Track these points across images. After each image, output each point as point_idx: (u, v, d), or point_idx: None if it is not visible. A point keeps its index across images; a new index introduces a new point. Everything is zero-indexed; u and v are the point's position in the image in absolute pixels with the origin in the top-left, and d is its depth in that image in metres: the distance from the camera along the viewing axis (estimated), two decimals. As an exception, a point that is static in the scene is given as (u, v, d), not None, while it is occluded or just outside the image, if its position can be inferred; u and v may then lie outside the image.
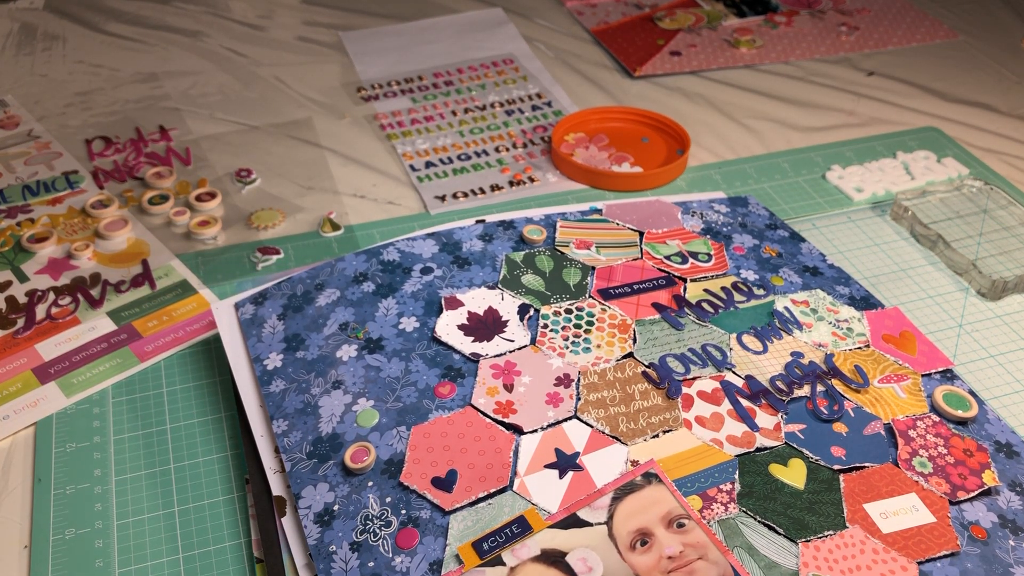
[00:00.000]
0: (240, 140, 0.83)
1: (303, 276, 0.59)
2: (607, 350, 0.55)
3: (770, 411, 0.52)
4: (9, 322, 0.63)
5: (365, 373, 0.53)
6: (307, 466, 0.49)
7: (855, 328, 0.59)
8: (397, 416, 0.51)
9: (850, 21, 1.07)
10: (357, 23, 1.04)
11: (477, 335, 0.56)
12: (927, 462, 0.50)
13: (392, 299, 0.58)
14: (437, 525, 0.45)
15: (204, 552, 0.49)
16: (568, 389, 0.53)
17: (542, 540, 0.45)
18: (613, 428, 0.50)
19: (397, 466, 0.48)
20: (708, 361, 0.55)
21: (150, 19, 1.04)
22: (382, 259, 0.61)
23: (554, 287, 0.60)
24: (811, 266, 0.64)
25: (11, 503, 0.52)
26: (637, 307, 0.59)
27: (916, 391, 0.55)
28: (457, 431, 0.50)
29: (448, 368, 0.54)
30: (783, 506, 0.47)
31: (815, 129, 0.87)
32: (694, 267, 0.62)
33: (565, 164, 0.79)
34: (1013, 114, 0.90)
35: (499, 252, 0.62)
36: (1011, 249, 0.70)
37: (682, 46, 1.01)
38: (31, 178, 0.77)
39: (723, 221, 0.68)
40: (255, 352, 0.55)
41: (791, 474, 0.49)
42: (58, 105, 0.88)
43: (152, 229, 0.72)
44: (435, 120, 0.87)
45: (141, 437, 0.55)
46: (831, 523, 0.47)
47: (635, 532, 0.45)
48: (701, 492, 0.47)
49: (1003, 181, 0.79)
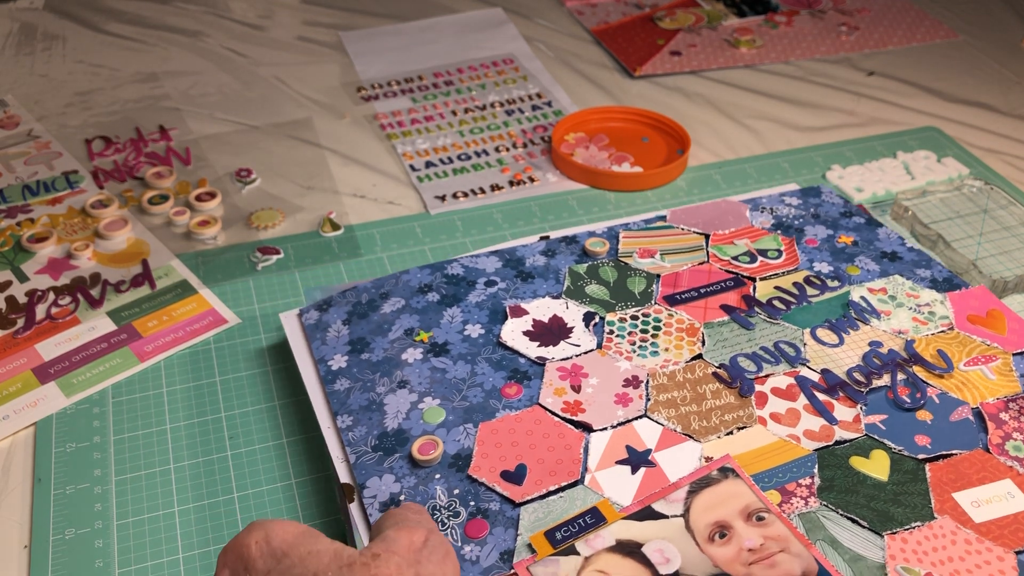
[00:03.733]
0: (240, 140, 0.83)
1: (367, 286, 0.60)
2: (675, 353, 0.55)
3: (848, 403, 0.51)
4: (9, 322, 0.63)
5: (431, 374, 0.53)
6: (372, 458, 0.49)
7: (937, 311, 0.57)
8: (464, 414, 0.51)
9: (850, 21, 1.07)
10: (357, 23, 1.04)
11: (543, 340, 0.56)
12: (1022, 445, 0.48)
13: (457, 308, 0.58)
14: (507, 517, 0.45)
15: (204, 552, 0.49)
16: (637, 390, 0.52)
17: (616, 531, 0.44)
18: (685, 426, 0.50)
19: (465, 460, 0.48)
20: (781, 358, 0.54)
21: (150, 19, 1.04)
22: (446, 272, 0.61)
23: (619, 295, 0.60)
24: (889, 251, 0.63)
25: (11, 503, 0.52)
26: (705, 310, 0.58)
27: (1007, 371, 0.53)
28: (525, 428, 0.50)
29: (514, 371, 0.54)
30: (866, 499, 0.46)
31: (815, 129, 0.87)
32: (763, 265, 0.61)
33: (565, 164, 0.79)
34: (1013, 114, 0.90)
35: (562, 266, 0.62)
36: (1011, 249, 0.70)
37: (682, 46, 1.01)
38: (31, 178, 0.77)
39: (794, 214, 0.67)
40: (319, 354, 0.56)
41: (873, 466, 0.48)
42: (58, 105, 0.88)
43: (152, 229, 0.72)
44: (435, 120, 0.87)
45: (141, 437, 0.55)
46: (918, 514, 0.45)
47: (713, 525, 0.44)
48: (779, 487, 0.47)
49: (1003, 181, 0.79)
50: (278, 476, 0.53)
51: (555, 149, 0.80)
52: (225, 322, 0.63)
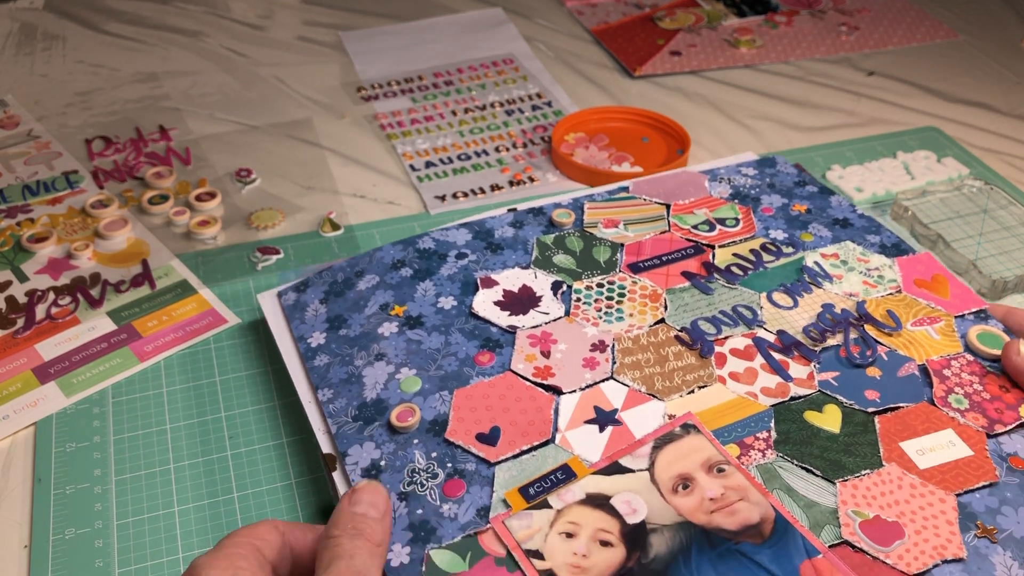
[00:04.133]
0: (240, 140, 0.83)
1: (343, 265, 0.62)
2: (639, 318, 0.57)
3: (803, 362, 0.54)
4: (9, 322, 0.63)
5: (407, 346, 0.55)
6: (353, 428, 0.50)
7: (886, 275, 0.60)
8: (439, 382, 0.52)
9: (850, 21, 1.07)
10: (357, 23, 1.04)
11: (513, 309, 0.58)
12: (963, 399, 0.51)
13: (430, 282, 0.60)
14: (483, 476, 0.47)
15: (204, 552, 0.49)
16: (604, 354, 0.54)
17: (586, 485, 0.46)
18: (649, 387, 0.52)
19: (441, 425, 0.50)
20: (739, 321, 0.56)
21: (150, 19, 1.04)
22: (418, 247, 0.63)
23: (585, 264, 0.61)
24: (841, 218, 0.65)
25: (11, 503, 0.52)
26: (667, 277, 0.60)
27: (950, 332, 0.55)
28: (498, 393, 0.52)
29: (486, 340, 0.55)
30: (819, 449, 0.48)
31: (815, 129, 0.87)
32: (722, 233, 0.64)
33: (565, 164, 0.79)
34: (1013, 114, 0.90)
35: (530, 236, 0.64)
36: (1011, 249, 0.70)
37: (682, 46, 1.01)
38: (31, 178, 0.77)
39: (751, 184, 0.69)
40: (299, 332, 0.57)
41: (826, 419, 0.50)
42: (58, 105, 0.88)
43: (152, 229, 0.72)
44: (435, 120, 0.87)
45: (141, 437, 0.55)
46: (867, 463, 0.48)
47: (677, 477, 0.47)
48: (738, 441, 0.49)
49: (1003, 181, 0.79)
50: (278, 476, 0.53)
51: (555, 149, 0.80)
52: (225, 322, 0.63)
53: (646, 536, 0.44)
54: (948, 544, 0.44)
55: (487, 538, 0.44)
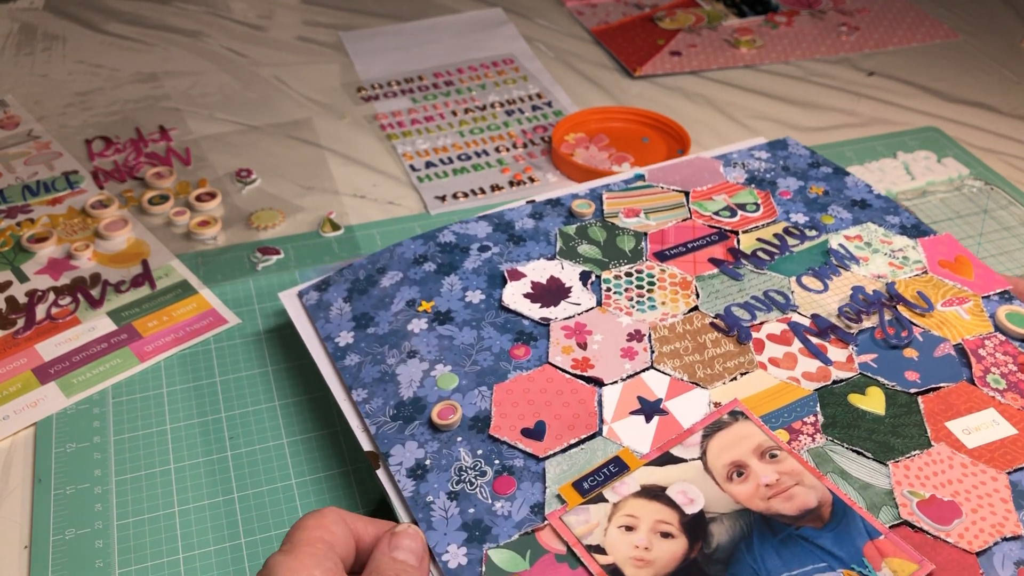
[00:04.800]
0: (240, 140, 0.83)
1: (363, 263, 0.61)
2: (672, 306, 0.57)
3: (840, 345, 0.54)
4: (9, 322, 0.63)
5: (439, 342, 0.54)
6: (392, 427, 0.50)
7: (911, 256, 0.60)
8: (476, 378, 0.52)
9: (850, 21, 1.07)
10: (357, 23, 1.04)
11: (544, 301, 0.57)
12: (1000, 379, 0.52)
13: (455, 276, 0.59)
14: (532, 472, 0.47)
15: (204, 552, 0.49)
16: (641, 343, 0.54)
17: (640, 477, 0.46)
18: (691, 375, 0.52)
19: (484, 422, 0.49)
20: (772, 306, 0.56)
21: (150, 19, 1.04)
22: (439, 241, 0.62)
23: (611, 254, 0.61)
24: (859, 199, 0.66)
25: (11, 503, 0.52)
26: (695, 264, 0.60)
27: (979, 312, 0.56)
28: (539, 387, 0.51)
29: (520, 333, 0.55)
30: (867, 432, 0.48)
31: (815, 129, 0.87)
32: (744, 219, 0.64)
33: (565, 164, 0.79)
34: (1013, 114, 0.90)
35: (551, 227, 0.63)
36: (1011, 249, 0.70)
37: (682, 46, 1.01)
38: (31, 178, 0.77)
39: (765, 168, 0.69)
40: (325, 332, 0.56)
41: (870, 402, 0.50)
42: (58, 105, 0.88)
43: (152, 229, 0.72)
44: (435, 120, 0.87)
45: (141, 437, 0.55)
46: (916, 443, 0.48)
47: (730, 464, 0.46)
48: (787, 426, 0.49)
49: (1003, 181, 0.79)
50: (278, 476, 0.53)
51: (555, 149, 0.80)
52: (225, 322, 0.63)
53: (706, 525, 0.44)
54: (1005, 521, 0.44)
55: (545, 535, 0.44)
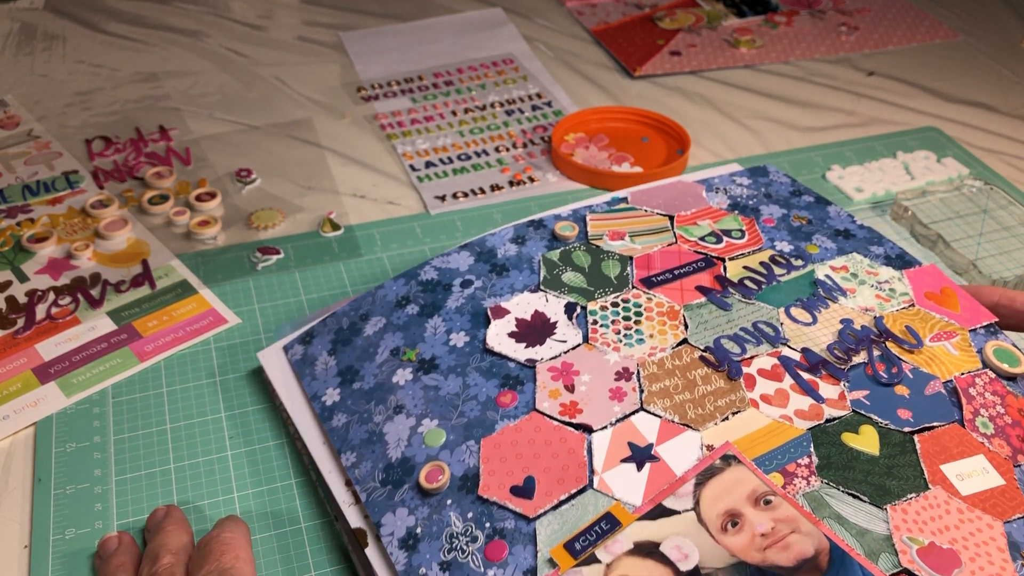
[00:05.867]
0: (240, 140, 0.84)
1: (346, 309, 0.59)
2: (660, 339, 0.55)
3: (832, 381, 0.52)
4: (9, 322, 0.63)
5: (424, 394, 0.52)
6: (382, 493, 0.48)
7: (897, 288, 0.59)
8: (464, 431, 0.50)
9: (850, 21, 1.07)
10: (357, 23, 1.04)
11: (529, 340, 0.55)
12: (988, 423, 0.50)
13: (438, 317, 0.57)
14: (524, 533, 0.45)
15: (204, 552, 0.49)
16: (630, 383, 0.52)
17: (632, 533, 0.44)
18: (682, 416, 0.50)
19: (473, 480, 0.47)
20: (762, 338, 0.55)
21: (150, 19, 1.04)
22: (420, 279, 0.60)
23: (596, 281, 0.59)
24: (842, 229, 0.64)
25: (11, 503, 0.52)
26: (682, 292, 0.59)
27: (967, 347, 0.55)
28: (527, 438, 0.49)
29: (506, 377, 0.53)
30: (863, 473, 0.47)
31: (815, 129, 0.87)
32: (729, 245, 0.62)
33: (565, 164, 0.79)
34: (1013, 114, 0.90)
35: (534, 253, 0.61)
36: (1011, 249, 0.70)
37: (682, 46, 1.01)
38: (31, 178, 0.77)
39: (747, 194, 0.68)
40: (312, 390, 0.55)
41: (864, 441, 0.49)
42: (58, 105, 0.88)
43: (152, 229, 0.72)
44: (435, 120, 0.87)
45: (141, 437, 0.55)
46: (912, 485, 0.47)
47: (724, 514, 0.45)
48: (780, 469, 0.47)
49: (1003, 181, 0.79)
50: (278, 476, 0.53)
51: (555, 149, 0.80)
52: (225, 322, 0.63)
53: None
54: (1002, 573, 0.43)
55: None
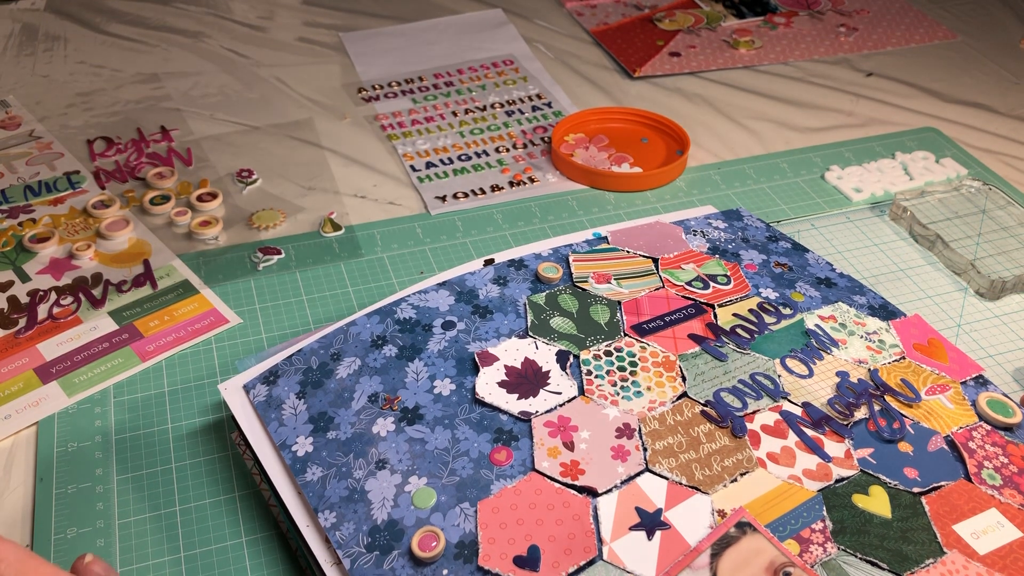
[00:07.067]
0: (241, 140, 0.84)
1: (315, 347, 0.54)
2: (659, 392, 0.53)
3: (836, 438, 0.51)
4: (11, 322, 0.63)
5: (410, 448, 0.48)
6: (369, 560, 0.44)
7: (886, 340, 0.58)
8: (456, 492, 0.46)
9: (849, 22, 1.07)
10: (357, 24, 1.05)
11: (521, 391, 0.52)
12: (995, 474, 0.49)
13: (419, 361, 0.53)
14: None
15: (204, 552, 0.49)
16: (632, 440, 0.50)
17: None
18: (689, 478, 0.48)
19: (471, 548, 0.44)
20: (762, 392, 0.53)
21: (151, 20, 1.04)
22: (397, 318, 0.56)
23: (586, 328, 0.57)
24: (823, 277, 0.63)
25: (13, 502, 0.52)
26: (675, 341, 0.57)
27: (961, 400, 0.54)
28: (527, 501, 0.46)
29: (499, 431, 0.50)
30: (878, 538, 0.46)
31: (814, 129, 0.87)
32: (717, 291, 0.61)
33: (565, 164, 0.79)
34: (1012, 114, 0.90)
35: (518, 296, 0.59)
36: (1010, 249, 0.70)
37: (681, 47, 1.01)
38: (33, 178, 0.78)
39: (725, 238, 0.66)
40: (280, 438, 0.50)
41: (875, 503, 0.48)
42: (59, 106, 0.88)
43: (153, 229, 0.72)
44: (435, 121, 0.87)
45: (142, 437, 0.55)
46: (928, 550, 0.45)
47: None
48: (795, 535, 0.45)
49: (1002, 181, 0.79)
50: (279, 475, 0.53)
51: (555, 150, 0.80)
52: (226, 322, 0.63)
53: None
54: None
55: None
